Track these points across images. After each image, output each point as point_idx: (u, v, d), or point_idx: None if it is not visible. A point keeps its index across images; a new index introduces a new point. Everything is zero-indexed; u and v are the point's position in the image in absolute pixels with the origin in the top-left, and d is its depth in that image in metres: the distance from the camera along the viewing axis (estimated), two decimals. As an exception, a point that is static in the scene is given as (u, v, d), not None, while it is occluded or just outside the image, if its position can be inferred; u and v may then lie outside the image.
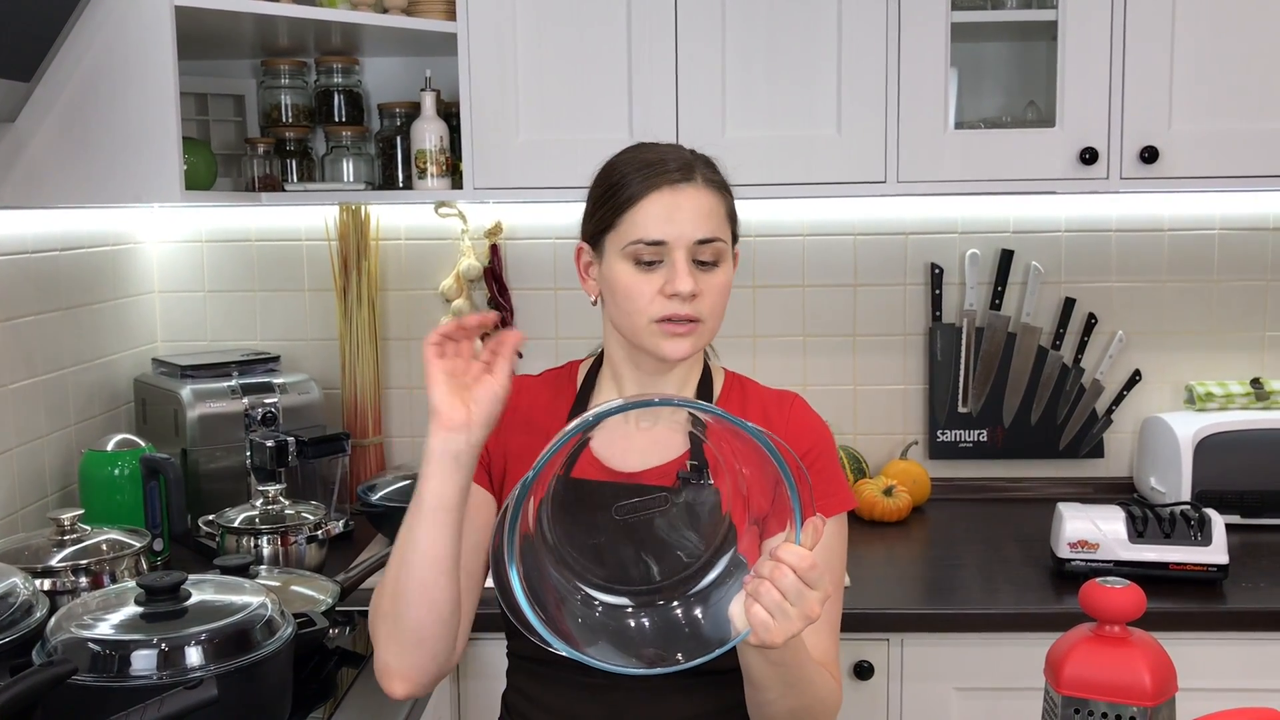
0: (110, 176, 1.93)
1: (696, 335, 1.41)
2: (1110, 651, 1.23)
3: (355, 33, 2.33)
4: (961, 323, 2.63)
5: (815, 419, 1.51)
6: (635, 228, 1.39)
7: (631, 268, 1.40)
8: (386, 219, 2.64)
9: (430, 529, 1.28)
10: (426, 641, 1.32)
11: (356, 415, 2.62)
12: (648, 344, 1.41)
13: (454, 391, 1.28)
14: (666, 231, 1.38)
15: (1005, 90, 2.54)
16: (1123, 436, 2.65)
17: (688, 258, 1.39)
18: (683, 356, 1.41)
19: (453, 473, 1.28)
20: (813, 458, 1.47)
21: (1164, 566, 2.02)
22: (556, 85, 2.27)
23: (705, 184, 1.41)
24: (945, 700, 2.00)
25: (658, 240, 1.38)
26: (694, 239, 1.39)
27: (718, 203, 1.42)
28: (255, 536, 2.07)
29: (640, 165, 1.41)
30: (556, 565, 1.28)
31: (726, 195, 1.45)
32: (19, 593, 1.57)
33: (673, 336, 1.40)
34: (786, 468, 1.16)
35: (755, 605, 1.15)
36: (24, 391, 2.13)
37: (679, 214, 1.38)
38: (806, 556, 1.15)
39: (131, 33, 1.90)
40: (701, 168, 1.43)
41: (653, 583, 1.30)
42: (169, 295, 2.68)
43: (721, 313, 1.44)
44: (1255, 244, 2.59)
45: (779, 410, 1.50)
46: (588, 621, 1.25)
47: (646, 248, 1.39)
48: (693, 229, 1.38)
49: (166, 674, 1.36)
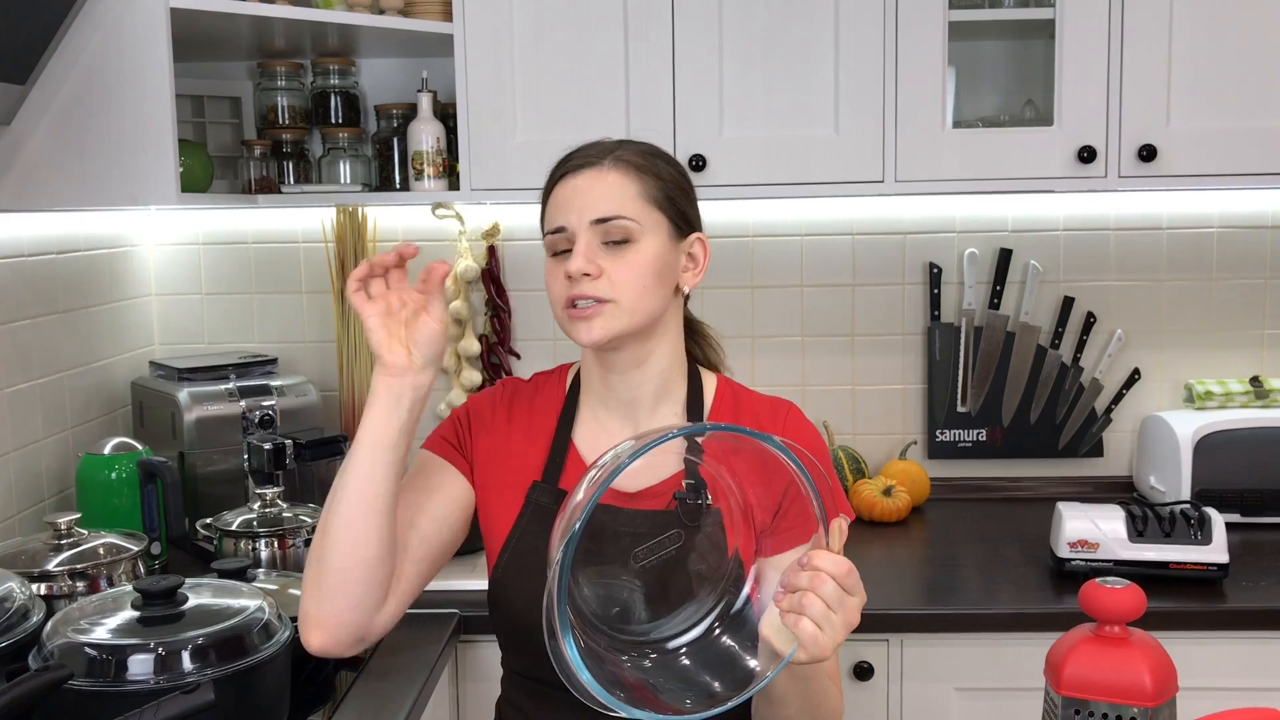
0: (106, 179, 1.92)
1: (607, 316, 1.37)
2: (1110, 652, 1.23)
3: (352, 34, 2.32)
4: (960, 322, 2.63)
5: (812, 428, 1.50)
6: (546, 220, 1.43)
7: (551, 261, 1.42)
8: (383, 220, 2.63)
9: (363, 465, 1.30)
10: (349, 585, 1.31)
11: (354, 417, 2.61)
12: (566, 331, 1.42)
13: (392, 334, 1.31)
14: (566, 216, 1.39)
15: (1003, 89, 2.53)
16: (1122, 435, 2.65)
17: (590, 239, 1.38)
18: (595, 341, 1.38)
19: (394, 413, 1.30)
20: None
21: (1164, 566, 2.02)
22: (553, 86, 2.27)
23: (614, 164, 1.40)
24: (945, 701, 1.99)
25: (558, 227, 1.40)
26: (589, 219, 1.38)
27: (627, 182, 1.39)
28: (253, 539, 2.06)
29: (563, 160, 1.44)
30: (593, 625, 1.25)
31: (648, 176, 1.41)
32: (15, 597, 1.56)
33: (580, 320, 1.38)
34: (807, 472, 1.14)
35: (802, 620, 1.12)
36: (21, 395, 2.13)
37: (575, 198, 1.39)
38: (843, 562, 1.14)
39: (127, 35, 1.89)
40: (621, 151, 1.42)
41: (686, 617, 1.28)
42: (166, 298, 2.68)
43: (645, 292, 1.39)
44: (1254, 242, 2.59)
45: (773, 419, 1.48)
46: (647, 675, 1.22)
47: (555, 238, 1.40)
48: (588, 210, 1.38)
49: (163, 678, 1.35)
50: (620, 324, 1.38)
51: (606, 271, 1.37)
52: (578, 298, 1.37)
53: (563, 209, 1.40)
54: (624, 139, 1.48)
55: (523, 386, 1.54)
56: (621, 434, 1.44)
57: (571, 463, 1.45)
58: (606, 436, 1.46)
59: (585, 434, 1.47)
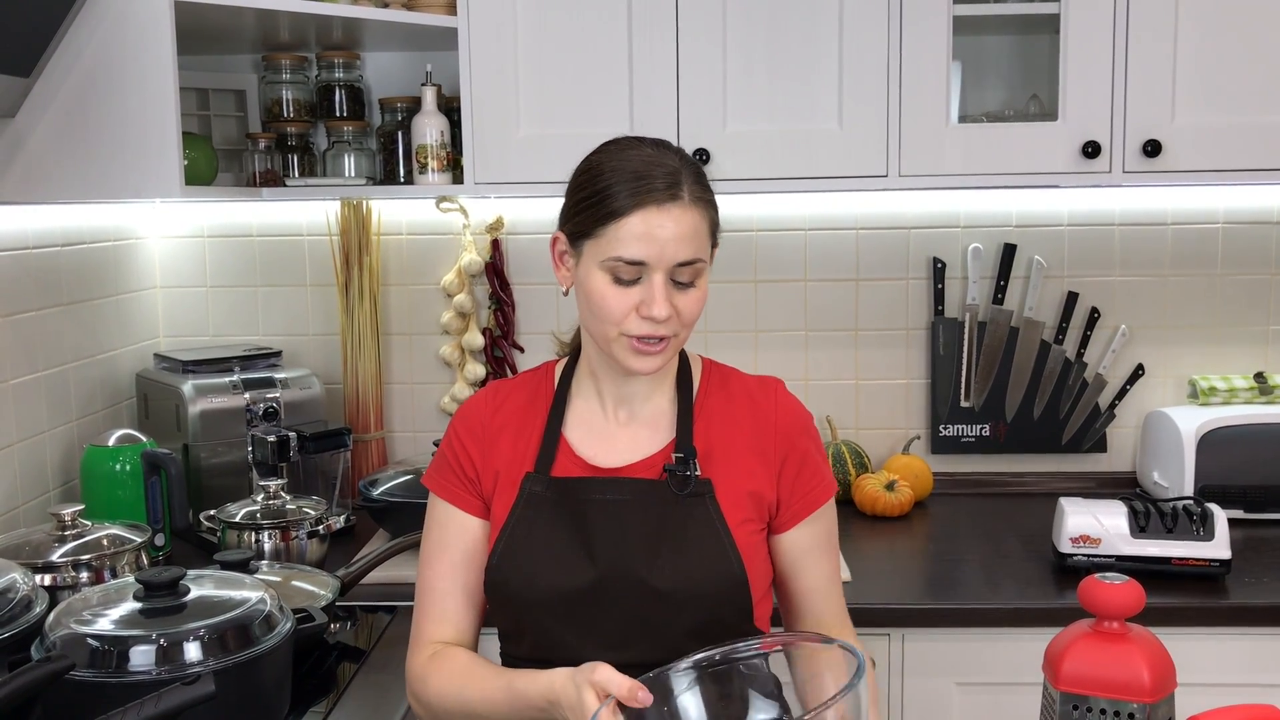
0: (110, 172, 1.92)
1: (669, 350, 1.41)
2: (1109, 648, 1.23)
3: (356, 27, 2.32)
4: (964, 317, 2.62)
5: (800, 404, 1.52)
6: (617, 244, 1.36)
7: (608, 280, 1.38)
8: (388, 214, 2.63)
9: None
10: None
11: (358, 410, 2.62)
12: (617, 356, 1.41)
13: None
14: (648, 253, 1.35)
15: (1007, 84, 2.53)
16: (1125, 431, 2.64)
17: (666, 280, 1.37)
18: (652, 372, 1.42)
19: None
20: (804, 443, 1.48)
21: (1166, 561, 2.02)
22: (557, 80, 2.26)
23: (692, 202, 1.38)
24: (946, 695, 1.99)
25: (638, 261, 1.36)
26: (674, 262, 1.36)
27: (701, 220, 1.39)
28: (256, 532, 2.07)
29: (627, 176, 1.36)
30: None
31: (711, 210, 1.42)
32: (18, 588, 1.57)
33: (643, 355, 1.40)
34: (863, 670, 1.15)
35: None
36: (26, 387, 2.13)
37: (662, 234, 1.35)
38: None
39: (131, 27, 1.90)
40: (689, 183, 1.38)
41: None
42: (170, 290, 2.68)
43: (695, 323, 1.43)
44: (1259, 238, 2.58)
45: (764, 395, 1.50)
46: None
47: (626, 266, 1.36)
48: (674, 251, 1.36)
49: (165, 669, 1.36)
50: (672, 355, 1.44)
51: (678, 311, 1.39)
52: (651, 337, 1.38)
53: (645, 243, 1.35)
54: (674, 149, 1.43)
55: (510, 385, 1.55)
56: (615, 419, 1.48)
57: (563, 453, 1.47)
58: (599, 423, 1.49)
59: (576, 424, 1.50)
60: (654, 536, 1.40)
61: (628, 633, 1.40)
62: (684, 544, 1.40)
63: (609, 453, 1.46)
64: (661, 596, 1.39)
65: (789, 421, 1.48)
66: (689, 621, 1.40)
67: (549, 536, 1.42)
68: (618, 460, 1.46)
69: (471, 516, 1.49)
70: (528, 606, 1.42)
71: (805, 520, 1.47)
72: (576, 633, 1.41)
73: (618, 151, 1.41)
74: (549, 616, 1.41)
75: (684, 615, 1.39)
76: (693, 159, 1.45)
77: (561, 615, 1.41)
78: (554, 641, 1.42)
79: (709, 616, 1.40)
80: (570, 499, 1.43)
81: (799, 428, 1.49)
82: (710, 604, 1.40)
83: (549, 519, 1.43)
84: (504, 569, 1.43)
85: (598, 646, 1.39)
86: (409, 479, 2.32)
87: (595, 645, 1.39)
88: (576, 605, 1.40)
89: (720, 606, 1.41)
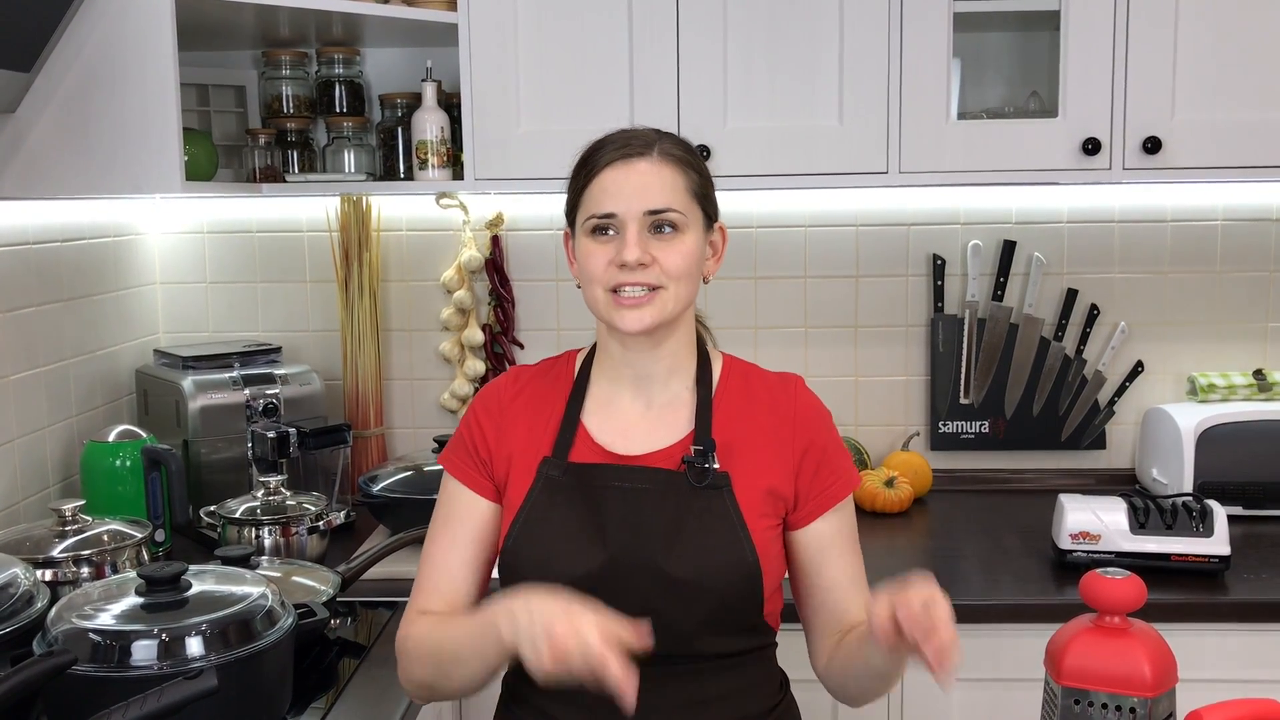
0: (111, 167, 1.92)
1: (657, 304, 1.41)
2: (1110, 642, 1.24)
3: (356, 23, 2.32)
4: (963, 314, 2.63)
5: (817, 399, 1.53)
6: (591, 202, 1.41)
7: (590, 241, 1.42)
8: (388, 210, 2.63)
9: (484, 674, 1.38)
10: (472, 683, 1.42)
11: (358, 406, 2.62)
12: (605, 317, 1.43)
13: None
14: (616, 204, 1.40)
15: (1007, 80, 2.53)
16: (1125, 428, 2.65)
17: (639, 228, 1.39)
18: (642, 329, 1.41)
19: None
20: (824, 438, 1.48)
21: (1165, 558, 2.02)
22: (558, 76, 2.27)
23: (662, 156, 1.42)
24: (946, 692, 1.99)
25: (608, 213, 1.40)
26: (643, 209, 1.39)
27: (675, 175, 1.42)
28: (256, 527, 2.07)
29: (605, 145, 1.44)
30: None
31: (690, 171, 1.44)
32: (20, 583, 1.57)
33: (628, 308, 1.40)
34: None
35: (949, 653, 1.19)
36: (26, 382, 2.13)
37: (628, 186, 1.40)
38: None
39: (132, 23, 1.89)
40: (665, 144, 1.44)
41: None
42: (170, 286, 2.68)
43: (686, 276, 1.42)
44: (1258, 235, 2.59)
45: (784, 393, 1.51)
46: None
47: (599, 220, 1.41)
48: (642, 200, 1.39)
49: (167, 664, 1.36)
50: (666, 311, 1.42)
51: (657, 259, 1.40)
52: (628, 284, 1.40)
53: (613, 196, 1.40)
54: (658, 130, 1.48)
55: (532, 371, 1.57)
56: (633, 407, 1.49)
57: (580, 439, 1.48)
58: (618, 410, 1.49)
59: (595, 410, 1.50)
60: (670, 525, 1.41)
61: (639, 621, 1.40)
62: (699, 534, 1.40)
63: (627, 441, 1.47)
64: (674, 585, 1.39)
65: (808, 416, 1.49)
66: (701, 611, 1.40)
67: (564, 521, 1.43)
68: (636, 449, 1.46)
69: (478, 496, 1.49)
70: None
71: (826, 514, 1.47)
72: None
73: (608, 134, 1.47)
74: None
75: (696, 605, 1.40)
76: (679, 138, 1.48)
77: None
78: None
79: (721, 607, 1.41)
80: (587, 485, 1.44)
81: (819, 423, 1.49)
82: (723, 595, 1.40)
83: (565, 503, 1.44)
84: (518, 552, 1.44)
85: None
86: (409, 475, 2.33)
87: None
88: (588, 590, 1.40)
89: (733, 598, 1.41)
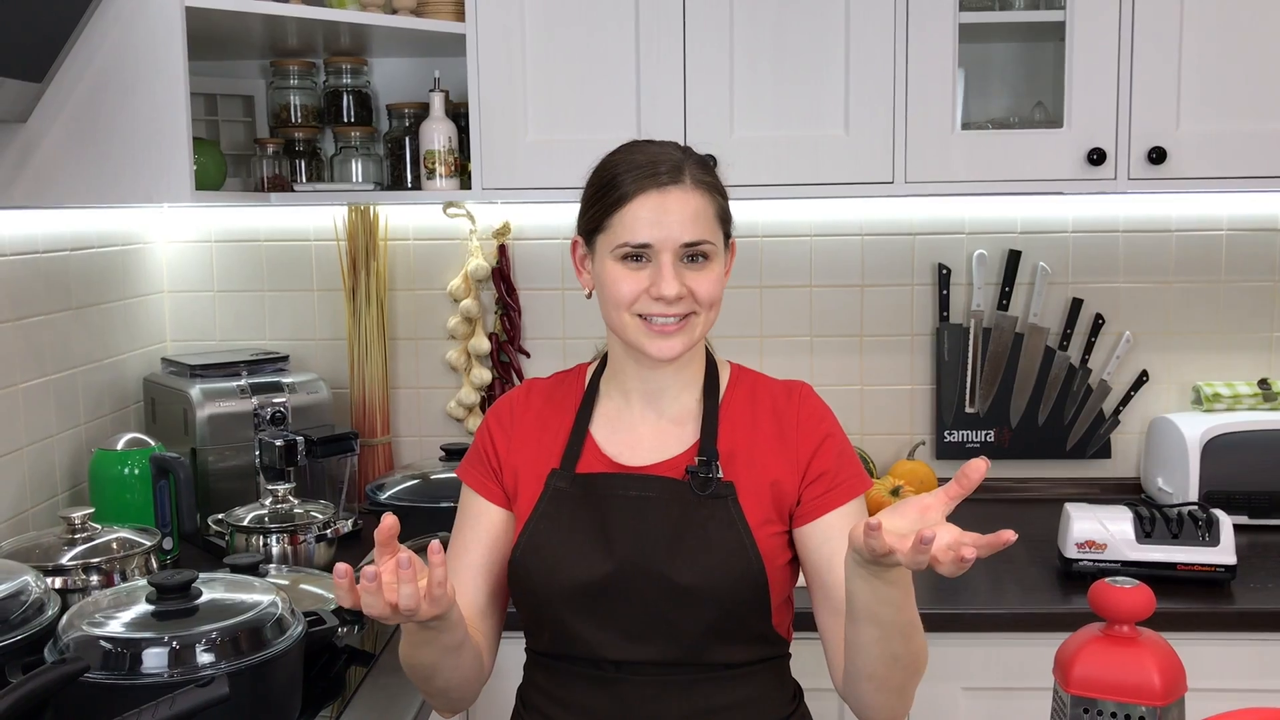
0: (121, 176, 1.93)
1: (687, 331, 1.42)
2: (1119, 651, 1.24)
3: (364, 33, 2.33)
4: (969, 323, 2.63)
5: (825, 406, 1.53)
6: (624, 230, 1.40)
7: (620, 266, 1.42)
8: (395, 219, 2.64)
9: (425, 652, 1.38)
10: (455, 689, 1.45)
11: (365, 414, 2.63)
12: (634, 343, 1.43)
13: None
14: (653, 235, 1.39)
15: (1013, 91, 2.54)
16: (1130, 437, 2.65)
17: (674, 260, 1.40)
18: (673, 356, 1.42)
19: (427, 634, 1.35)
20: (831, 442, 1.48)
21: (1171, 567, 2.02)
22: (565, 86, 2.27)
23: (694, 185, 1.42)
24: (952, 700, 2.00)
25: (644, 244, 1.40)
26: (680, 242, 1.39)
27: (707, 204, 1.42)
28: (264, 535, 2.07)
29: (631, 166, 1.42)
30: None
31: (718, 196, 1.45)
32: (30, 591, 1.58)
33: (660, 336, 1.41)
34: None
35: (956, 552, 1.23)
36: (34, 391, 2.14)
37: (666, 217, 1.39)
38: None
39: (142, 33, 1.91)
40: (692, 168, 1.43)
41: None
42: (178, 295, 2.69)
43: (716, 302, 1.44)
44: (1263, 245, 2.59)
45: (789, 400, 1.51)
46: None
47: (633, 249, 1.40)
48: (679, 232, 1.39)
49: (178, 672, 1.37)
50: (695, 337, 1.44)
51: (690, 289, 1.41)
52: (662, 315, 1.40)
53: (648, 226, 1.39)
54: (681, 147, 1.48)
55: (544, 384, 1.58)
56: (643, 419, 1.50)
57: (588, 451, 1.49)
58: (627, 423, 1.50)
59: (604, 423, 1.51)
60: (675, 533, 1.41)
61: (646, 627, 1.41)
62: (704, 542, 1.41)
63: (634, 452, 1.48)
64: (680, 592, 1.39)
65: (814, 423, 1.49)
66: (708, 619, 1.40)
67: (571, 530, 1.44)
68: (643, 459, 1.47)
69: (489, 502, 1.51)
70: (548, 599, 1.43)
71: (839, 508, 1.45)
72: (594, 626, 1.42)
73: (627, 150, 1.47)
74: (567, 609, 1.42)
75: (703, 612, 1.40)
76: (701, 155, 1.48)
77: (579, 608, 1.42)
78: (572, 635, 1.43)
79: (727, 615, 1.41)
80: (593, 494, 1.45)
81: (824, 428, 1.49)
82: (728, 602, 1.40)
83: (571, 513, 1.45)
84: (526, 561, 1.45)
85: (615, 640, 1.41)
86: (416, 483, 2.33)
87: (613, 639, 1.41)
88: (594, 598, 1.41)
89: (739, 605, 1.41)
